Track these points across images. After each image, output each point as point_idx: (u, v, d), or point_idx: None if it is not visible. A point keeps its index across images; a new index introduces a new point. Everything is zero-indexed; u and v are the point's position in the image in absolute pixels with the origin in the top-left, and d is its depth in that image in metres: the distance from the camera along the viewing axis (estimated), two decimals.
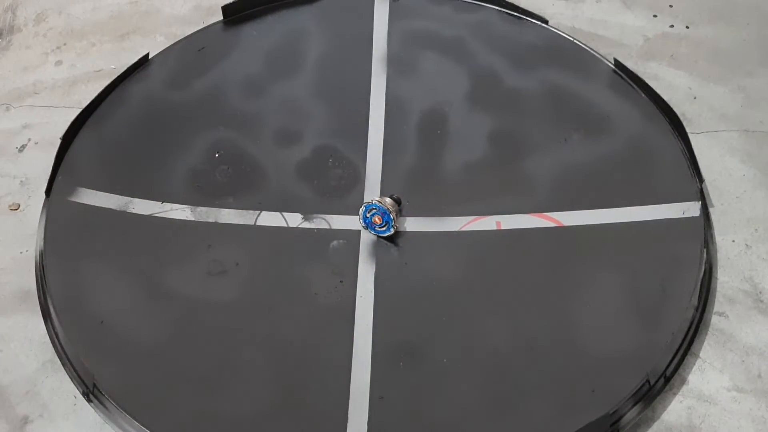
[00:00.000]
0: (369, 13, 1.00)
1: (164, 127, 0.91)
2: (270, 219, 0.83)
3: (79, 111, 0.91)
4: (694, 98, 0.95)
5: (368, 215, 0.79)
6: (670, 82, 0.96)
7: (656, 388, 0.71)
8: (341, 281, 0.78)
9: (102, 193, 0.84)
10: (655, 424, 0.71)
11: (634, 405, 0.70)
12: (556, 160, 0.86)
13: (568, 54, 0.95)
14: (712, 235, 0.82)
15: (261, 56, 0.97)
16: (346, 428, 0.69)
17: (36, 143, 0.94)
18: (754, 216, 0.84)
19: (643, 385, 0.70)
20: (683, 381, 0.74)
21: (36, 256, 0.82)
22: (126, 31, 1.06)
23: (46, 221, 0.83)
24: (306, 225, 0.82)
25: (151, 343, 0.74)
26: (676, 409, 0.72)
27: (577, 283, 0.77)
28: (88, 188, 0.84)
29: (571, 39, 0.96)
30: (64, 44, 1.05)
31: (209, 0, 1.07)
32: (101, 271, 0.79)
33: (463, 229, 0.81)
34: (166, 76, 0.95)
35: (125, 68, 0.95)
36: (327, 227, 0.82)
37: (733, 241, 0.83)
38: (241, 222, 0.82)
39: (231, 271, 0.79)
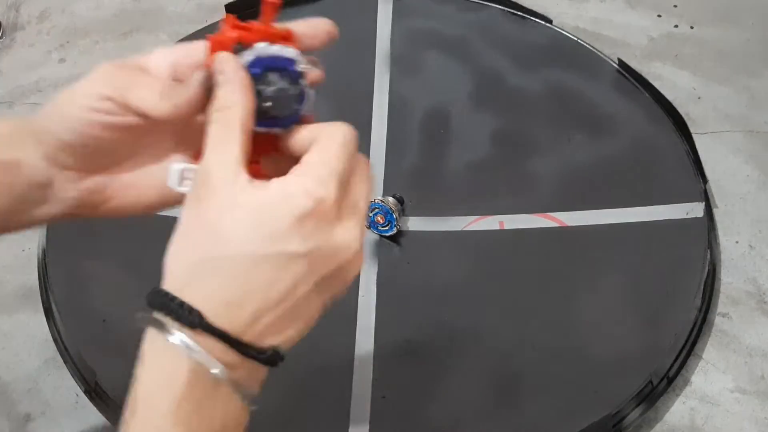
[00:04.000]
0: (372, 12, 1.00)
1: None
2: None
3: None
4: (699, 98, 0.94)
5: (371, 214, 0.79)
6: (674, 82, 0.96)
7: (659, 389, 0.71)
8: None
9: None
10: (658, 425, 0.71)
11: (637, 406, 0.70)
12: (560, 160, 0.86)
13: (571, 54, 0.95)
14: (715, 236, 0.82)
15: None
16: (347, 428, 0.69)
17: None
18: (758, 217, 0.84)
19: (645, 386, 0.70)
20: (686, 382, 0.73)
21: (38, 254, 0.82)
22: (129, 29, 1.06)
23: None
24: None
25: None
26: (678, 410, 0.72)
27: (579, 283, 0.77)
28: None
29: (575, 39, 0.96)
30: (68, 42, 1.05)
31: None
32: (103, 269, 0.79)
33: (466, 229, 0.81)
34: None
35: None
36: None
37: (737, 242, 0.82)
38: None
39: None
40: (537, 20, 0.98)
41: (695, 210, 0.81)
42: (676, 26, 1.02)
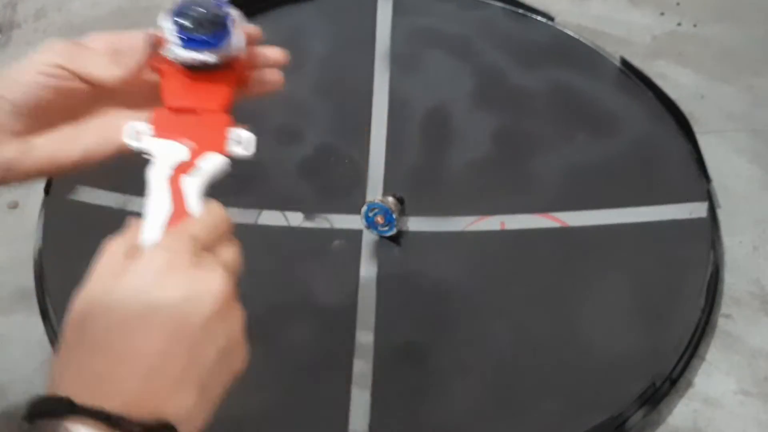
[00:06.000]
0: (372, 10, 0.99)
1: None
2: (271, 218, 0.82)
3: None
4: (702, 97, 0.94)
5: (370, 215, 0.78)
6: (677, 81, 0.95)
7: (662, 390, 0.71)
8: (343, 281, 0.77)
9: (101, 191, 0.83)
10: (661, 427, 0.71)
11: (640, 408, 0.69)
12: (561, 160, 0.85)
13: (574, 52, 0.94)
14: (719, 237, 0.82)
15: None
16: (347, 429, 0.68)
17: None
18: (762, 217, 0.84)
19: (648, 387, 0.70)
20: (689, 384, 0.73)
21: (35, 255, 0.81)
22: (126, 27, 1.04)
23: (44, 219, 0.82)
24: (307, 224, 0.82)
25: None
26: (681, 412, 0.71)
27: (581, 285, 0.77)
28: (87, 186, 0.84)
29: (577, 37, 0.96)
30: None
31: None
32: None
33: (467, 229, 0.81)
34: None
35: None
36: (329, 227, 0.81)
37: (740, 242, 0.82)
38: (242, 221, 0.81)
39: None
40: (539, 18, 0.97)
41: (698, 210, 0.80)
42: (679, 24, 1.01)
